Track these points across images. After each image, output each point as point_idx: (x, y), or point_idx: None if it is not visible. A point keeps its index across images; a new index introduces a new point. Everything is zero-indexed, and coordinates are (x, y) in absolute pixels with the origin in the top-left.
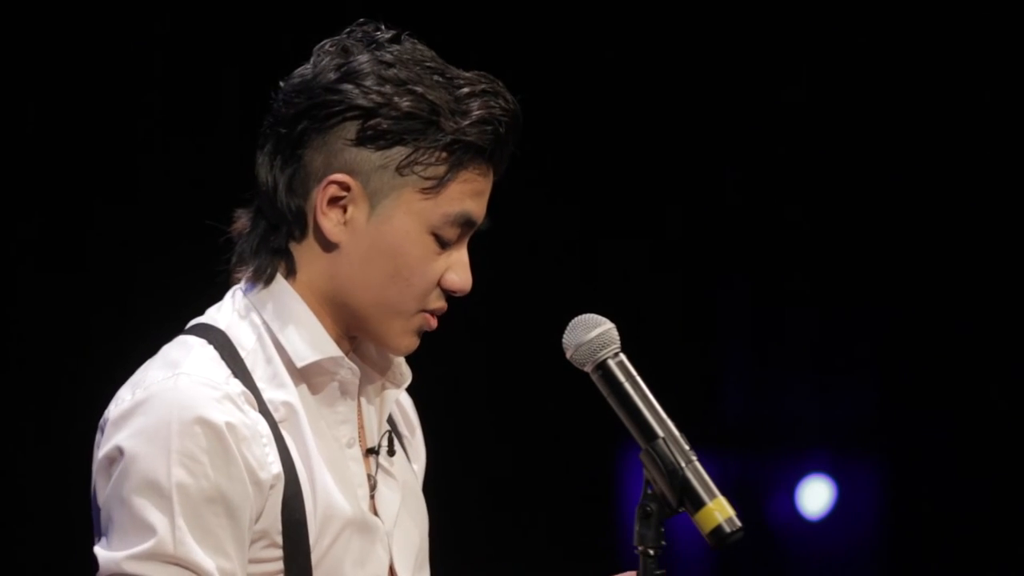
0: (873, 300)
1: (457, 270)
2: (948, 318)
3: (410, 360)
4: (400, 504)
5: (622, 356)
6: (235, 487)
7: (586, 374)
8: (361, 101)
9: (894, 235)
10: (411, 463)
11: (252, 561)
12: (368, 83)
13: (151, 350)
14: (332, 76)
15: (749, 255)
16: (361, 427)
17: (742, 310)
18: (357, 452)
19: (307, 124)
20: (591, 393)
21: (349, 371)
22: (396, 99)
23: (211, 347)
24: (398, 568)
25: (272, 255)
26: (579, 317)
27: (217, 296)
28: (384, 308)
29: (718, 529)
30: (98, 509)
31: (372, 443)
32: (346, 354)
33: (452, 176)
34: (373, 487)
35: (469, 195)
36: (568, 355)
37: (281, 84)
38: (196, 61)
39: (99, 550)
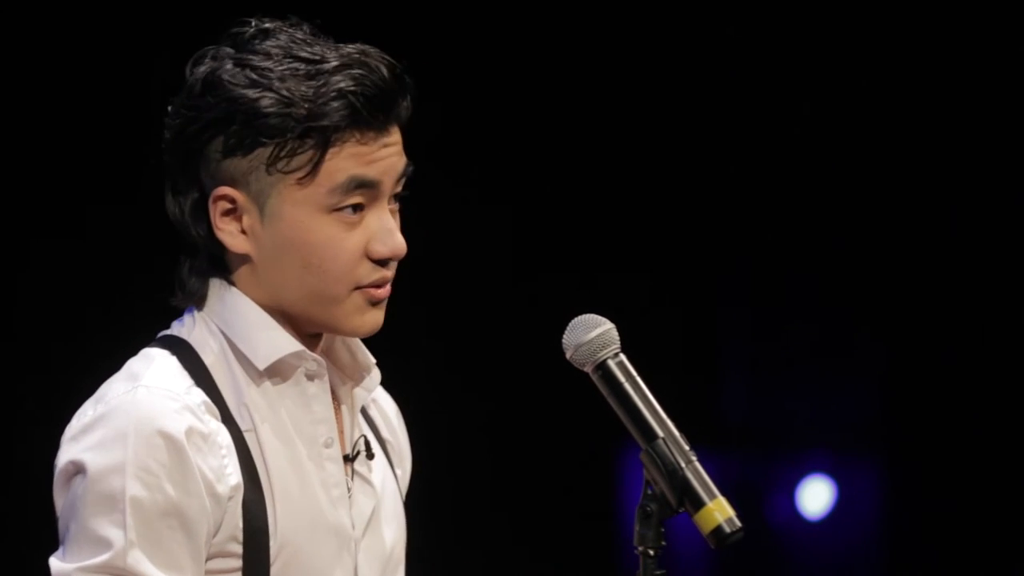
0: (873, 300)
1: (379, 238)
2: (948, 318)
3: (407, 362)
4: (373, 511)
5: (622, 356)
6: (191, 501)
7: (586, 374)
8: (217, 112)
9: (894, 235)
10: (394, 469)
11: (210, 572)
12: (223, 91)
13: (115, 367)
14: (196, 90)
15: (749, 255)
16: (341, 432)
17: (742, 310)
18: (336, 452)
19: (186, 147)
20: (591, 393)
21: (314, 362)
22: (248, 101)
23: (174, 358)
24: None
25: (201, 277)
26: (579, 317)
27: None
28: (314, 299)
29: (718, 529)
30: (57, 520)
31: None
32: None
33: (320, 158)
34: (348, 493)
35: (352, 162)
36: (568, 355)
37: (168, 108)
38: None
39: (53, 560)
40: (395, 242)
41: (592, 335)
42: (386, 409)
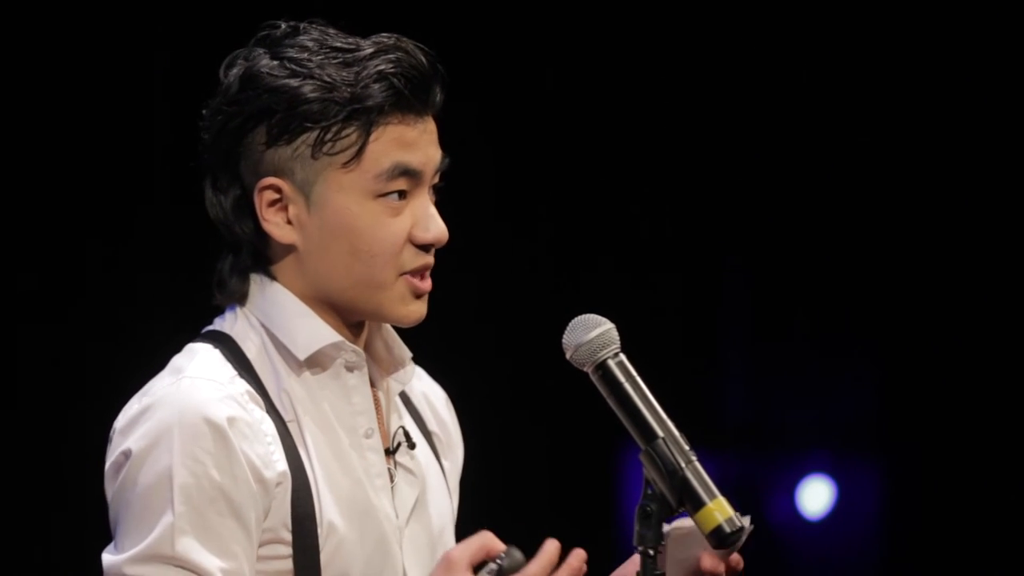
0: (873, 300)
1: (423, 224)
2: (948, 318)
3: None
4: (417, 500)
5: (622, 356)
6: (239, 487)
7: (586, 374)
8: (259, 104)
9: (894, 234)
10: (441, 460)
11: (261, 558)
12: (264, 83)
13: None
14: (235, 88)
15: (750, 255)
16: (381, 423)
17: (742, 310)
18: (377, 442)
19: (227, 143)
20: (591, 393)
21: (353, 353)
22: (290, 90)
23: (217, 350)
24: (407, 564)
25: (241, 276)
26: (579, 317)
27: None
28: (361, 287)
29: (718, 529)
30: (108, 513)
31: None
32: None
33: (364, 141)
34: (391, 482)
35: (396, 148)
36: (568, 355)
37: (204, 112)
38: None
39: (105, 555)
40: (438, 228)
41: (592, 335)
42: (433, 401)
